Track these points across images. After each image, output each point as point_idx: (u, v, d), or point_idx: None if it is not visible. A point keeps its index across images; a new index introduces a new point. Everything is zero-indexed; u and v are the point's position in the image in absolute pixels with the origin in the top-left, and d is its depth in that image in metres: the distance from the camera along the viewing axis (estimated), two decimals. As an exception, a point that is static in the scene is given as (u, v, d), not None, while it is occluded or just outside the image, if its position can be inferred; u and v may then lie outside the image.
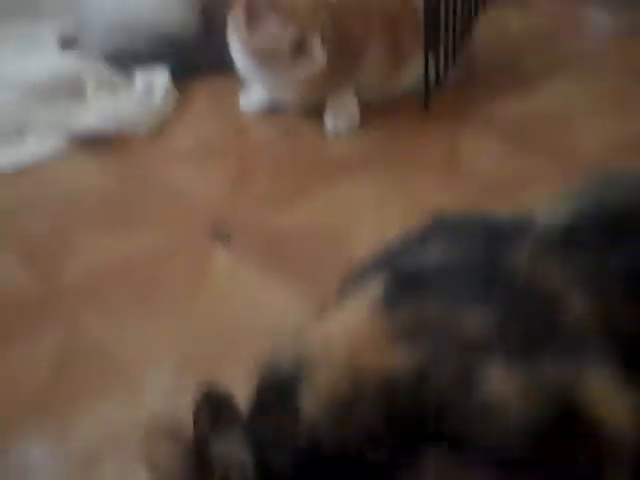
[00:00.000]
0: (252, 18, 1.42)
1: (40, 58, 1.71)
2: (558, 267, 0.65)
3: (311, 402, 0.62)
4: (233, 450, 0.64)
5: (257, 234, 1.28)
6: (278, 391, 0.66)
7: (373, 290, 0.66)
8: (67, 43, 1.87)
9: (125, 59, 1.69)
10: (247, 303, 1.14)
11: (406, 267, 0.69)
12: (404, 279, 0.67)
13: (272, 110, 1.60)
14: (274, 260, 1.22)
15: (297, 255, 1.23)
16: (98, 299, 1.17)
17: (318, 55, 1.40)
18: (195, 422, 0.67)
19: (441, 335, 0.62)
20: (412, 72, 1.55)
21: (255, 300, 1.15)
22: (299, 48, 1.40)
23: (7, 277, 1.23)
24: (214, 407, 0.67)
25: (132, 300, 1.16)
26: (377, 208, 1.31)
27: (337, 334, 0.65)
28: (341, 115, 1.52)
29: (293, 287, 1.16)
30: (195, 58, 1.71)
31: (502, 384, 0.59)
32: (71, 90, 1.61)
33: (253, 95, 1.61)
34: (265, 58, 1.44)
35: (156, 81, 1.66)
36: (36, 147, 1.53)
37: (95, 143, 1.53)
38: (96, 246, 1.28)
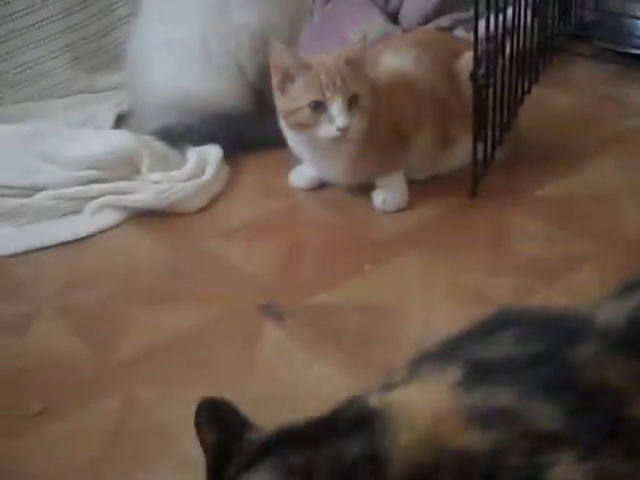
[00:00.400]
0: (284, 80, 1.46)
1: (96, 134, 1.76)
2: (622, 365, 0.68)
3: (394, 456, 0.64)
4: None
5: (306, 311, 1.30)
6: (357, 418, 0.69)
7: (452, 375, 0.70)
8: (122, 119, 1.94)
9: (177, 137, 1.74)
10: (297, 379, 1.17)
11: (479, 357, 0.73)
12: (478, 368, 0.71)
13: (321, 186, 1.64)
14: (324, 337, 1.24)
15: (346, 332, 1.25)
16: (151, 372, 1.20)
17: (338, 117, 1.42)
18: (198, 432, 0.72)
19: (512, 423, 0.65)
20: (460, 153, 1.57)
21: (305, 376, 1.17)
22: (318, 108, 1.43)
23: (63, 350, 1.26)
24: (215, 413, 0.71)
25: (184, 374, 1.19)
26: (425, 287, 1.33)
27: (421, 403, 0.69)
28: (390, 193, 1.55)
29: (342, 363, 1.18)
30: (247, 136, 1.76)
31: (571, 471, 0.61)
32: (126, 165, 1.66)
33: (303, 171, 1.65)
34: (291, 118, 1.47)
35: (208, 157, 1.71)
36: (92, 221, 1.58)
37: (149, 218, 1.58)
38: (149, 320, 1.31)
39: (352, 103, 1.44)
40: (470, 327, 0.78)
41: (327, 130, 1.43)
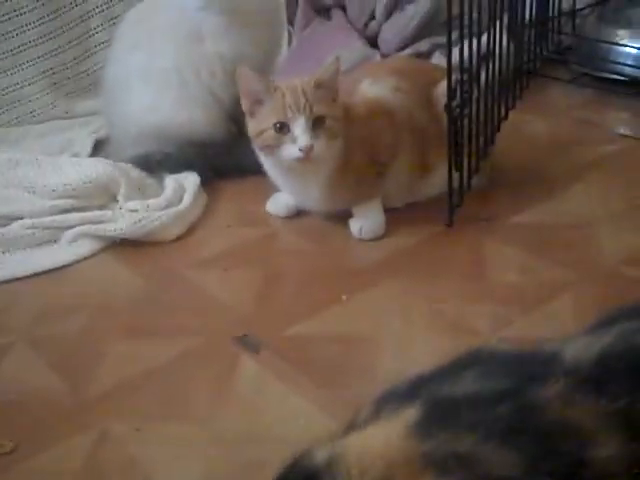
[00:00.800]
0: (254, 104, 1.47)
1: (73, 162, 1.75)
2: (588, 405, 0.67)
3: None
4: None
5: (283, 342, 1.29)
6: (304, 477, 0.67)
7: (410, 415, 0.69)
8: (101, 145, 1.94)
9: (155, 165, 1.75)
10: (273, 411, 1.16)
11: (442, 397, 0.72)
12: (440, 408, 0.70)
13: (298, 214, 1.64)
14: (300, 368, 1.23)
15: (323, 364, 1.24)
16: (125, 407, 1.19)
17: (300, 137, 1.42)
18: None
19: (470, 468, 0.64)
20: (437, 181, 1.58)
21: (281, 408, 1.16)
22: (283, 129, 1.43)
23: (36, 384, 1.24)
24: None
25: (159, 408, 1.18)
26: (402, 317, 1.32)
27: (374, 448, 0.67)
28: (367, 221, 1.55)
29: (318, 396, 1.17)
30: (224, 163, 1.76)
31: None
32: (103, 194, 1.66)
33: (280, 199, 1.65)
34: (259, 140, 1.48)
35: (186, 185, 1.71)
36: (68, 250, 1.57)
37: (125, 247, 1.57)
38: (124, 352, 1.30)
39: (317, 124, 1.44)
40: (439, 366, 0.77)
41: (290, 151, 1.44)
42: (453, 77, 1.46)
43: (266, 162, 1.53)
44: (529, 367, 0.73)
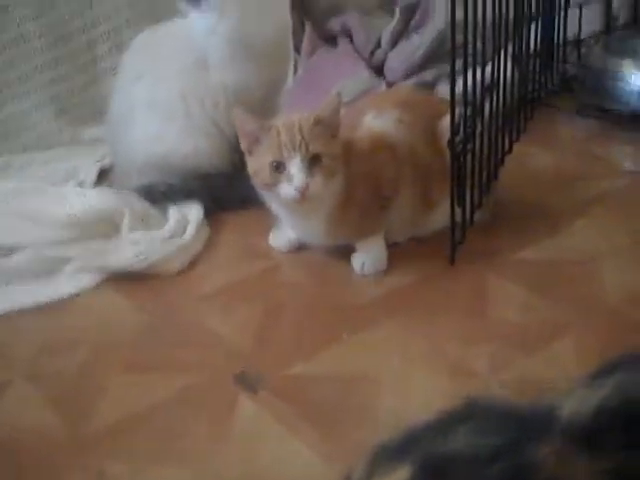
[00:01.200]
0: (251, 143, 1.47)
1: (78, 193, 1.75)
2: (582, 463, 0.66)
3: None
4: None
5: (283, 382, 1.28)
6: None
7: (401, 476, 0.68)
8: (105, 173, 1.94)
9: (159, 195, 1.75)
10: (270, 453, 1.15)
11: (434, 454, 0.71)
12: (432, 467, 0.69)
13: (301, 248, 1.63)
14: (298, 408, 1.22)
15: (322, 405, 1.23)
16: (123, 447, 1.18)
17: (296, 176, 1.41)
18: None
19: None
20: (440, 217, 1.57)
21: (279, 450, 1.15)
22: (279, 168, 1.43)
23: (34, 423, 1.24)
24: None
25: (156, 448, 1.17)
26: (403, 357, 1.31)
27: None
28: (369, 257, 1.54)
29: (317, 439, 1.16)
30: (227, 195, 1.76)
31: None
32: (106, 224, 1.66)
33: (282, 233, 1.64)
34: (257, 179, 1.48)
35: (189, 217, 1.71)
36: (69, 282, 1.56)
37: (127, 279, 1.57)
38: (124, 389, 1.30)
39: (313, 163, 1.43)
40: (433, 419, 0.77)
41: (286, 190, 1.43)
42: (457, 111, 1.45)
43: (267, 198, 1.53)
44: (525, 424, 0.72)
